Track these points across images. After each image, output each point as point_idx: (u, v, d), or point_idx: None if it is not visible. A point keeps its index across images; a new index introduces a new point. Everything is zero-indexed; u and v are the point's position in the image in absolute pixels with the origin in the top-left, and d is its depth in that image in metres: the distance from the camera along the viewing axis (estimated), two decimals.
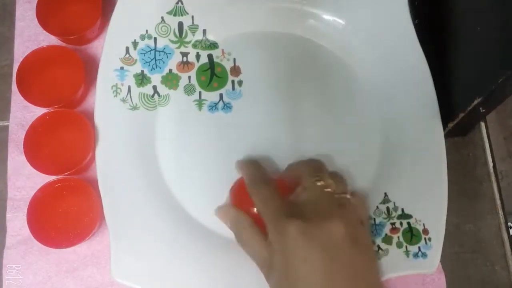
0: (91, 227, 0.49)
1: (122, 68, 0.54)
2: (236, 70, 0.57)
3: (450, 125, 0.54)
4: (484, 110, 0.50)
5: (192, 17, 0.56)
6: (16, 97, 0.55)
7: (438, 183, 0.51)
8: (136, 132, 0.53)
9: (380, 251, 0.49)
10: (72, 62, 0.54)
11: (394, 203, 0.51)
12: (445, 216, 0.50)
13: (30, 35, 0.58)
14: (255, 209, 0.47)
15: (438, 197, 0.50)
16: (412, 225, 0.50)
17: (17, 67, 0.53)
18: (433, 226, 0.50)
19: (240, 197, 0.49)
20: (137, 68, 0.54)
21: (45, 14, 0.56)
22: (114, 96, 0.53)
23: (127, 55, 0.54)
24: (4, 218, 0.52)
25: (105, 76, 0.53)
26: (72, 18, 0.57)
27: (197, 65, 0.56)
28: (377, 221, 0.51)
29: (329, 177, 0.47)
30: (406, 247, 0.49)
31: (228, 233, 0.51)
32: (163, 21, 0.55)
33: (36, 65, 0.54)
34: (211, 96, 0.56)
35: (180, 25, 0.56)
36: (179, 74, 0.56)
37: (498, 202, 0.57)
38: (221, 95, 0.56)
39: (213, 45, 0.57)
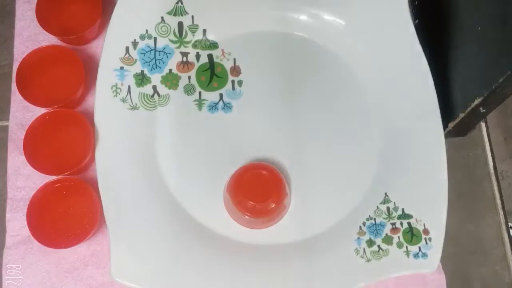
0: (91, 227, 0.49)
1: (122, 68, 0.54)
2: (236, 70, 0.56)
3: (451, 125, 0.54)
4: (484, 110, 0.50)
5: (192, 17, 0.56)
6: (16, 97, 0.55)
7: (438, 183, 0.51)
8: (136, 132, 0.53)
9: (380, 251, 0.49)
10: (71, 62, 0.54)
11: (394, 203, 0.51)
12: (446, 216, 0.50)
13: (29, 35, 0.58)
14: (251, 202, 0.48)
15: (438, 197, 0.50)
16: (413, 225, 0.50)
17: (16, 67, 0.53)
18: (434, 226, 0.50)
19: (236, 188, 0.50)
20: (137, 68, 0.54)
21: (45, 14, 0.56)
22: (114, 96, 0.53)
23: (127, 55, 0.54)
24: (4, 218, 0.52)
25: (105, 76, 0.53)
26: (72, 18, 0.57)
27: (197, 65, 0.56)
28: (378, 221, 0.51)
29: None
30: (407, 247, 0.49)
31: (228, 233, 0.51)
32: (163, 21, 0.55)
33: (36, 65, 0.54)
34: (211, 96, 0.56)
35: (180, 25, 0.56)
36: (179, 74, 0.56)
37: (498, 202, 0.57)
38: (221, 95, 0.56)
39: (213, 45, 0.57)
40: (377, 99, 0.56)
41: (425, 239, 0.49)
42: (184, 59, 0.56)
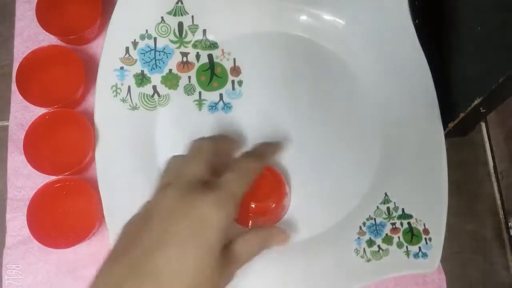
0: (91, 227, 0.49)
1: (122, 68, 0.54)
2: (236, 70, 0.56)
3: (451, 125, 0.54)
4: (484, 110, 0.50)
5: (192, 17, 0.56)
6: (16, 97, 0.55)
7: (438, 183, 0.51)
8: (136, 132, 0.53)
9: (380, 251, 0.49)
10: (71, 62, 0.54)
11: (394, 203, 0.51)
12: (446, 216, 0.50)
13: (30, 35, 0.58)
14: (251, 202, 0.48)
15: (438, 197, 0.50)
16: (413, 225, 0.50)
17: (16, 67, 0.53)
18: (434, 226, 0.50)
19: None
20: (137, 68, 0.54)
21: (45, 14, 0.56)
22: (114, 96, 0.53)
23: (127, 55, 0.54)
24: (4, 218, 0.52)
25: (105, 76, 0.53)
26: (72, 18, 0.57)
27: (197, 65, 0.56)
28: (378, 221, 0.51)
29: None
30: (407, 247, 0.49)
31: None
32: (163, 21, 0.55)
33: (35, 65, 0.54)
34: (211, 96, 0.56)
35: (180, 25, 0.56)
36: (179, 74, 0.56)
37: (499, 202, 0.57)
38: (221, 95, 0.56)
39: (213, 45, 0.57)
40: (377, 99, 0.56)
41: (425, 239, 0.49)
42: (184, 59, 0.56)
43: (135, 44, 0.54)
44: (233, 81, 0.56)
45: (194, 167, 0.40)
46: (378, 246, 0.50)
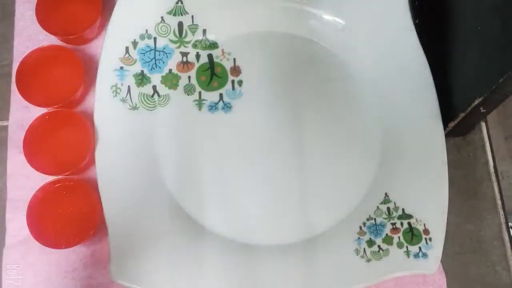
0: (91, 227, 0.49)
1: (121, 68, 0.54)
2: (236, 70, 0.56)
3: (451, 125, 0.54)
4: (484, 110, 0.50)
5: (192, 16, 0.56)
6: (16, 97, 0.55)
7: (438, 183, 0.51)
8: (136, 132, 0.53)
9: (380, 251, 0.49)
10: (71, 62, 0.54)
11: (394, 203, 0.51)
12: (446, 216, 0.50)
13: (29, 35, 0.58)
14: None
15: (438, 197, 0.50)
16: (413, 225, 0.50)
17: (16, 67, 0.53)
18: (434, 226, 0.50)
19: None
20: (137, 68, 0.54)
21: (45, 14, 0.56)
22: (114, 96, 0.53)
23: (127, 55, 0.54)
24: (4, 218, 0.52)
25: (105, 76, 0.53)
26: (71, 17, 0.57)
27: (197, 65, 0.56)
28: (378, 221, 0.51)
29: None
30: (407, 247, 0.49)
31: (228, 234, 0.51)
32: (163, 21, 0.55)
33: (35, 65, 0.54)
34: (211, 96, 0.56)
35: (180, 25, 0.56)
36: (179, 74, 0.56)
37: (499, 202, 0.57)
38: (221, 95, 0.56)
39: (213, 45, 0.57)
40: (377, 99, 0.56)
41: (425, 239, 0.49)
42: (184, 59, 0.56)
43: (135, 44, 0.54)
44: (233, 81, 0.56)
45: None
46: (378, 246, 0.50)
